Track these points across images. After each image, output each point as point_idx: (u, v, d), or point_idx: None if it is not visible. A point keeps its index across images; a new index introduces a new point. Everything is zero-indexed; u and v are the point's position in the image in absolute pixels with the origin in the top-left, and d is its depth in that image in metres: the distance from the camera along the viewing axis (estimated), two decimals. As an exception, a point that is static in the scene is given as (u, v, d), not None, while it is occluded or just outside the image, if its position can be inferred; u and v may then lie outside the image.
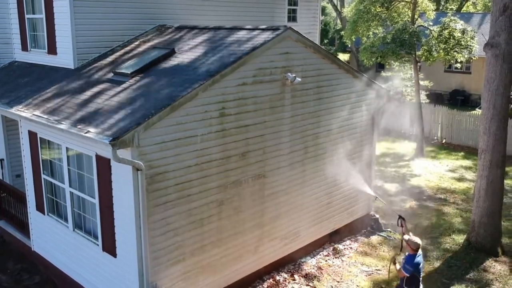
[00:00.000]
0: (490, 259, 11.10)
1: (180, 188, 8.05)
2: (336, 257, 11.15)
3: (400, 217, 8.75)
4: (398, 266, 8.12)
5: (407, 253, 8.05)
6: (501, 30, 10.64)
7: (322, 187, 11.04)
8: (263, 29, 9.54)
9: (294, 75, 9.35)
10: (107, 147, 7.06)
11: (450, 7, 37.40)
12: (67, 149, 8.67)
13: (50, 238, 9.80)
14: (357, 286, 10.04)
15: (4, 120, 11.91)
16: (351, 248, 11.65)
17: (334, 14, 60.35)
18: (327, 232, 11.55)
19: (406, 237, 8.15)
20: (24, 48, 12.11)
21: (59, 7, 10.71)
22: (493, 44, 10.84)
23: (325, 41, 52.57)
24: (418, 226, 12.91)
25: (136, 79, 8.97)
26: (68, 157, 8.73)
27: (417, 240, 7.99)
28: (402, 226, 8.66)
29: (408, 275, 7.89)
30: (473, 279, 10.34)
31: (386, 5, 20.00)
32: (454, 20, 19.06)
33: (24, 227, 10.81)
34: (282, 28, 9.26)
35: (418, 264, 7.91)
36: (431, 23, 20.46)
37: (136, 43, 11.07)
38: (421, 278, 8.02)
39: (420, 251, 7.98)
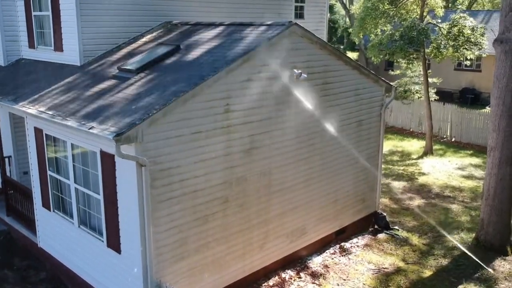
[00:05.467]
0: (499, 258, 10.96)
1: (184, 184, 8.00)
2: (342, 255, 11.06)
3: None
4: None
5: None
6: (511, 25, 10.48)
7: (329, 185, 10.95)
8: (269, 25, 9.47)
9: (300, 71, 9.27)
10: (111, 143, 7.04)
11: (460, 4, 37.06)
12: (72, 145, 8.67)
13: (56, 234, 9.81)
14: (364, 284, 9.94)
15: (11, 117, 11.97)
16: (358, 246, 11.55)
17: (342, 12, 60.15)
18: (333, 230, 11.46)
19: None
20: (31, 45, 12.15)
21: (65, 4, 10.71)
22: (503, 40, 10.68)
23: (334, 39, 52.44)
24: (426, 224, 12.79)
25: (141, 76, 8.94)
26: (73, 153, 8.73)
27: None
28: None
29: None
30: (481, 278, 10.20)
31: (394, 2, 19.88)
32: (463, 17, 18.89)
33: (30, 224, 10.84)
34: (288, 23, 9.19)
35: None
36: (439, 21, 20.27)
37: (142, 40, 11.06)
38: None
39: None
